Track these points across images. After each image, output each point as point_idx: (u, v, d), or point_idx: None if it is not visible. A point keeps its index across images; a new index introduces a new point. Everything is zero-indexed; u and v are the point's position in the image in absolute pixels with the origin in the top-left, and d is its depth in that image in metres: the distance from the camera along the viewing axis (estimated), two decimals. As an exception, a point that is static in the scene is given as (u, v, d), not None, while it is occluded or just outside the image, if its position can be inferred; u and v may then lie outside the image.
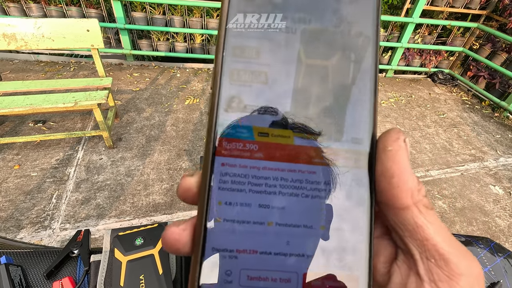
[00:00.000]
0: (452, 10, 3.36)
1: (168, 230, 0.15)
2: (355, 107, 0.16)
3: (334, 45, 0.16)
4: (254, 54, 0.16)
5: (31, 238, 1.48)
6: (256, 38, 0.16)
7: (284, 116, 0.16)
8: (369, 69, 0.16)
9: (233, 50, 0.16)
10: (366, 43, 0.16)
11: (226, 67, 0.16)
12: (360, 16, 0.17)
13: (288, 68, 0.16)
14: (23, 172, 1.80)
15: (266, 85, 0.16)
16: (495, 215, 1.97)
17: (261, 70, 0.16)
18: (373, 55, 0.17)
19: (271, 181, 0.15)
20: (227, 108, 0.16)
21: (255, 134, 0.16)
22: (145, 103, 2.59)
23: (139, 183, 1.84)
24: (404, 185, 0.15)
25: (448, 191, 2.11)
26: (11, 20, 1.73)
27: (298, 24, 0.16)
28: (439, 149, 2.54)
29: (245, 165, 0.15)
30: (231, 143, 0.16)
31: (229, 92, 0.16)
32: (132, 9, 3.02)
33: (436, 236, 0.14)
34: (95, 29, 1.84)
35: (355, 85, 0.16)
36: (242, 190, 0.15)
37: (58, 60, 3.10)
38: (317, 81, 0.16)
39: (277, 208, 0.15)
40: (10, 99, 1.71)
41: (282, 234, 0.15)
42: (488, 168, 2.40)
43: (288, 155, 0.16)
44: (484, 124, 3.04)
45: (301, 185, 0.16)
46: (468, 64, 3.66)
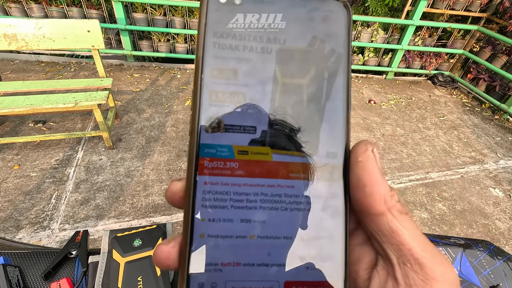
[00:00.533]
0: (453, 13, 3.37)
1: (158, 248, 0.16)
2: (329, 123, 0.17)
3: (308, 63, 0.17)
4: (232, 75, 0.17)
5: (30, 239, 1.48)
6: (234, 59, 0.17)
7: (262, 134, 0.17)
8: (341, 86, 0.17)
9: (211, 71, 0.16)
10: (339, 61, 0.17)
11: (205, 89, 0.16)
12: (333, 36, 0.17)
13: (265, 88, 0.17)
14: (22, 172, 1.80)
15: (244, 104, 0.17)
16: (495, 217, 1.96)
17: (239, 90, 0.17)
18: (345, 72, 0.17)
19: (251, 196, 0.16)
20: (207, 129, 0.16)
21: (235, 152, 0.16)
22: (145, 104, 2.60)
23: (139, 183, 1.84)
24: (376, 192, 0.15)
25: (448, 194, 2.10)
26: (12, 20, 1.73)
27: (273, 44, 0.17)
28: (439, 151, 2.54)
29: (226, 183, 0.16)
30: (212, 162, 0.16)
31: (209, 112, 0.16)
32: (133, 10, 3.03)
33: (411, 241, 0.15)
34: (96, 29, 1.84)
35: (328, 102, 0.17)
36: (224, 206, 0.16)
37: (58, 61, 3.10)
38: (293, 99, 0.17)
39: (258, 222, 0.16)
40: (10, 99, 1.71)
41: (264, 246, 0.16)
42: (488, 170, 2.40)
43: (267, 171, 0.17)
44: (484, 126, 3.04)
45: (280, 199, 0.16)
46: (468, 66, 3.66)
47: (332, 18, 0.17)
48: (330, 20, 0.17)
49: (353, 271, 0.17)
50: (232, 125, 0.16)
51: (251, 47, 0.17)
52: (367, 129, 2.70)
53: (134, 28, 2.99)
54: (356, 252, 0.18)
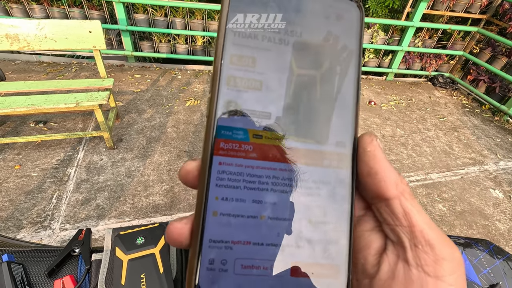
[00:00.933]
0: (452, 14, 3.38)
1: (171, 225, 0.17)
2: (339, 114, 0.18)
3: (322, 57, 0.18)
4: (250, 63, 0.17)
5: (31, 238, 1.48)
6: (253, 48, 0.18)
7: (276, 120, 0.17)
8: (352, 80, 0.18)
9: (231, 58, 0.17)
10: (350, 57, 0.18)
11: (224, 74, 0.17)
12: (346, 32, 0.19)
13: (281, 77, 0.18)
14: (23, 172, 1.81)
15: (260, 91, 0.17)
16: (495, 218, 1.96)
17: (256, 78, 0.17)
18: (356, 67, 0.19)
19: (264, 179, 0.17)
20: (224, 112, 0.17)
21: (250, 136, 0.17)
22: (146, 104, 2.60)
23: (139, 184, 1.84)
24: (388, 178, 0.16)
25: (448, 194, 2.11)
26: (14, 21, 1.74)
27: (290, 37, 0.18)
28: (439, 152, 2.54)
29: (240, 164, 0.17)
30: (228, 144, 0.17)
31: (227, 97, 0.17)
32: (134, 11, 3.04)
33: (421, 223, 0.16)
34: (98, 30, 1.85)
35: (340, 94, 0.18)
36: (237, 187, 0.17)
37: (60, 61, 3.11)
38: (306, 89, 0.18)
39: (269, 203, 0.17)
40: (12, 99, 1.71)
41: (273, 227, 0.17)
42: (488, 171, 2.40)
43: (279, 155, 0.17)
44: (484, 127, 3.04)
45: (291, 183, 0.17)
46: (468, 68, 3.67)
47: (346, 16, 0.19)
48: (344, 18, 0.19)
49: (361, 257, 0.18)
50: (248, 110, 0.17)
51: (269, 37, 0.18)
52: (367, 130, 2.70)
53: (135, 29, 3.00)
54: (365, 238, 0.18)
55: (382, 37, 3.42)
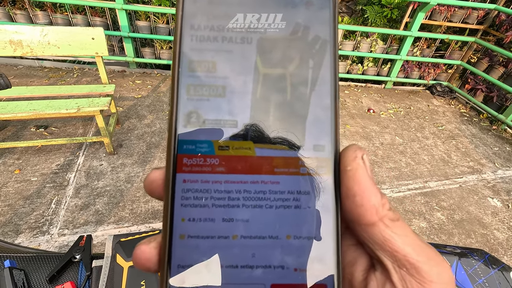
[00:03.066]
0: (450, 25, 3.43)
1: (138, 249, 0.15)
2: (315, 114, 0.16)
3: (291, 52, 0.16)
4: (210, 67, 0.16)
5: (29, 243, 1.47)
6: (212, 51, 0.16)
7: (243, 128, 0.16)
8: (328, 76, 0.16)
9: (189, 64, 0.16)
10: (324, 48, 0.16)
11: (183, 82, 0.16)
12: (316, 21, 0.16)
13: (246, 80, 0.16)
14: (23, 177, 1.81)
15: (224, 98, 0.16)
16: (493, 227, 1.97)
17: (218, 83, 0.16)
18: (332, 60, 0.16)
19: (234, 194, 0.16)
20: (185, 124, 0.16)
21: (216, 148, 0.16)
22: (146, 110, 2.62)
23: (139, 189, 1.85)
24: (367, 203, 0.15)
25: (446, 203, 2.11)
26: (19, 27, 1.77)
27: (253, 34, 0.16)
28: (437, 161, 2.56)
29: (206, 180, 0.15)
30: (192, 159, 0.16)
31: (187, 107, 0.16)
32: (137, 18, 3.08)
33: (405, 247, 0.15)
34: (100, 37, 1.87)
35: (314, 92, 0.16)
36: (205, 205, 0.15)
37: (61, 66, 3.14)
38: (276, 90, 0.16)
39: (241, 221, 0.15)
40: (13, 104, 1.73)
41: (248, 246, 0.15)
42: (486, 180, 2.41)
43: (250, 166, 0.16)
44: (482, 136, 3.06)
45: (265, 196, 0.16)
46: (466, 77, 3.71)
47: (315, 3, 0.16)
48: (314, 5, 0.16)
49: (348, 273, 0.17)
50: (212, 120, 0.16)
51: (230, 37, 0.16)
52: (366, 138, 2.72)
53: (137, 35, 3.03)
54: (350, 252, 0.17)
55: (381, 46, 3.46)
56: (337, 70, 0.17)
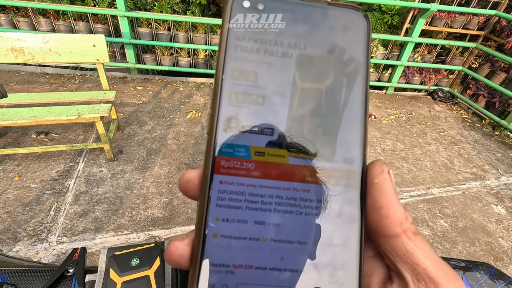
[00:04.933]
0: (451, 30, 3.44)
1: (172, 245, 0.16)
2: (346, 129, 0.17)
3: (327, 70, 0.17)
4: (252, 77, 0.17)
5: (27, 251, 1.46)
6: (254, 62, 0.17)
7: (279, 136, 0.17)
8: (360, 93, 0.18)
9: (232, 72, 0.17)
10: (357, 69, 0.18)
11: (225, 89, 0.17)
12: (352, 44, 0.18)
13: (284, 91, 0.17)
14: (23, 184, 1.80)
15: (263, 107, 0.17)
16: (497, 235, 1.93)
17: (258, 93, 0.17)
18: (363, 80, 0.18)
19: (266, 198, 0.16)
20: (225, 128, 0.16)
21: (252, 153, 0.16)
22: (147, 116, 2.62)
23: (138, 196, 1.83)
24: (393, 215, 0.16)
25: (449, 210, 2.08)
26: (21, 34, 1.78)
27: (294, 50, 0.17)
28: (440, 167, 2.53)
29: (242, 183, 0.16)
30: (229, 162, 0.16)
31: (228, 113, 0.17)
32: (138, 24, 3.11)
33: (425, 261, 0.15)
34: (101, 44, 1.88)
35: (346, 108, 0.17)
36: (239, 207, 0.16)
37: (63, 73, 3.16)
38: (311, 103, 0.17)
39: (272, 225, 0.16)
40: (14, 110, 1.73)
41: (277, 249, 0.16)
42: (490, 187, 2.38)
43: (283, 173, 0.17)
44: (484, 142, 3.04)
45: (295, 202, 0.16)
46: (468, 82, 3.70)
47: (352, 27, 0.18)
48: (350, 29, 0.18)
49: (365, 284, 0.17)
50: (250, 126, 0.16)
51: (272, 51, 0.17)
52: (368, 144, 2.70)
53: (139, 42, 3.05)
54: (368, 264, 0.18)
55: (381, 51, 3.47)
56: (367, 89, 0.18)
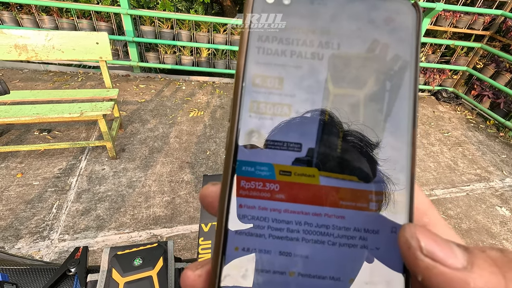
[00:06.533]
0: (456, 30, 3.40)
1: (184, 275, 0.15)
2: (389, 143, 0.14)
3: (366, 72, 0.15)
4: (277, 84, 0.15)
5: (29, 249, 1.46)
6: (280, 66, 0.15)
7: (309, 153, 0.14)
8: (407, 101, 0.15)
9: (254, 79, 0.15)
10: (404, 71, 0.15)
11: (246, 98, 0.15)
12: (397, 39, 0.15)
13: (314, 100, 0.15)
14: (25, 181, 1.80)
15: (289, 118, 0.14)
16: (502, 237, 1.92)
17: (284, 102, 0.15)
18: (412, 83, 0.15)
19: (293, 225, 0.14)
20: (246, 143, 0.14)
21: (277, 172, 0.14)
22: (149, 115, 2.62)
23: (140, 195, 1.83)
24: None
25: (453, 212, 2.07)
26: (24, 32, 1.78)
27: (326, 49, 0.15)
28: (443, 168, 2.51)
29: (265, 207, 0.14)
30: (250, 183, 0.14)
31: (249, 125, 0.14)
32: (141, 22, 3.10)
33: None
34: (104, 42, 1.88)
35: (390, 119, 0.14)
36: (261, 235, 0.14)
37: (66, 70, 3.16)
38: (346, 114, 0.15)
39: (300, 257, 0.14)
40: (17, 108, 1.73)
41: (305, 286, 0.14)
42: (494, 188, 2.36)
43: (313, 196, 0.14)
44: (489, 143, 3.01)
45: (328, 231, 0.14)
46: (472, 83, 3.67)
47: (397, 19, 0.15)
48: (395, 21, 0.15)
49: None
50: (275, 141, 0.14)
51: (299, 52, 0.15)
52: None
53: (142, 40, 3.05)
54: None
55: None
56: (417, 96, 0.15)
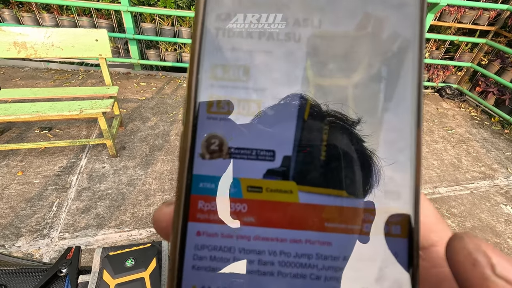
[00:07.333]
0: (460, 26, 3.35)
1: None
2: (388, 147, 0.11)
3: (357, 56, 0.11)
4: (241, 74, 0.12)
5: (29, 247, 1.46)
6: (245, 51, 0.11)
7: (284, 162, 0.11)
8: (408, 91, 0.12)
9: (212, 69, 0.12)
10: (405, 52, 0.12)
11: (203, 94, 0.12)
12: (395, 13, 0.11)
13: (289, 92, 0.11)
14: (25, 179, 1.80)
15: (258, 118, 0.12)
16: (507, 236, 1.89)
17: (251, 98, 0.11)
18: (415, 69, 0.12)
19: (266, 256, 0.11)
20: (203, 153, 0.11)
21: (244, 189, 0.11)
22: (150, 112, 2.61)
23: (141, 193, 1.82)
24: None
25: (457, 210, 2.04)
26: (23, 29, 1.77)
27: (303, 29, 0.11)
28: (447, 166, 2.48)
29: (230, 235, 0.11)
30: (210, 203, 0.11)
31: (207, 129, 0.11)
32: (142, 20, 3.08)
33: None
34: (104, 39, 1.86)
35: (388, 115, 0.11)
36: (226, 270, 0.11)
37: (67, 68, 3.15)
38: (331, 110, 0.11)
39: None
40: (17, 106, 1.72)
41: None
42: (499, 186, 2.33)
43: (290, 218, 0.11)
44: (494, 140, 2.97)
45: (310, 261, 0.11)
46: (477, 79, 3.61)
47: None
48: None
49: None
50: (240, 148, 0.11)
51: (270, 33, 0.11)
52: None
53: (142, 37, 3.03)
54: None
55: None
56: (421, 85, 0.12)
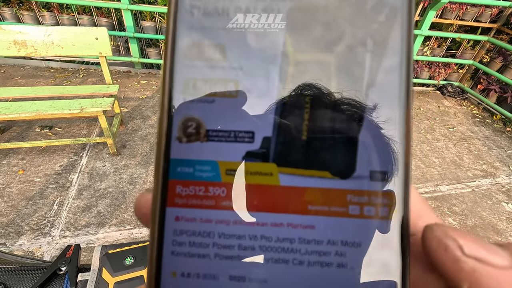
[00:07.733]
0: (462, 23, 3.33)
1: None
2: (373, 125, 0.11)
3: (340, 28, 0.11)
4: (217, 54, 0.11)
5: (30, 245, 1.46)
6: (221, 29, 0.11)
7: (263, 144, 0.11)
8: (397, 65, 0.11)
9: (188, 49, 0.11)
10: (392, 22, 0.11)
11: (178, 76, 0.11)
12: None
13: (269, 71, 0.11)
14: (26, 178, 1.81)
15: (235, 98, 0.11)
16: (508, 234, 1.88)
17: (229, 77, 0.11)
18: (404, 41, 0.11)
19: (247, 241, 0.11)
20: (181, 136, 0.11)
21: (222, 172, 0.11)
22: (151, 111, 2.60)
23: (141, 191, 1.82)
24: None
25: (458, 208, 2.03)
26: (23, 27, 1.76)
27: (282, 1, 0.11)
28: (448, 164, 2.47)
29: (209, 219, 0.11)
30: (188, 188, 0.11)
31: (183, 111, 0.11)
32: (142, 18, 3.08)
33: None
34: (104, 37, 1.86)
35: (374, 90, 0.11)
36: (205, 255, 0.11)
37: (68, 67, 3.15)
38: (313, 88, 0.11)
39: (256, 282, 0.11)
40: (17, 104, 1.72)
41: None
42: (501, 184, 2.32)
43: (271, 201, 0.11)
44: (495, 138, 2.96)
45: (292, 246, 0.11)
46: (478, 77, 3.60)
47: None
48: None
49: None
50: (218, 131, 0.11)
51: (246, 8, 0.11)
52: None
53: (143, 36, 3.03)
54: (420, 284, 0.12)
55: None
56: (411, 57, 0.11)
